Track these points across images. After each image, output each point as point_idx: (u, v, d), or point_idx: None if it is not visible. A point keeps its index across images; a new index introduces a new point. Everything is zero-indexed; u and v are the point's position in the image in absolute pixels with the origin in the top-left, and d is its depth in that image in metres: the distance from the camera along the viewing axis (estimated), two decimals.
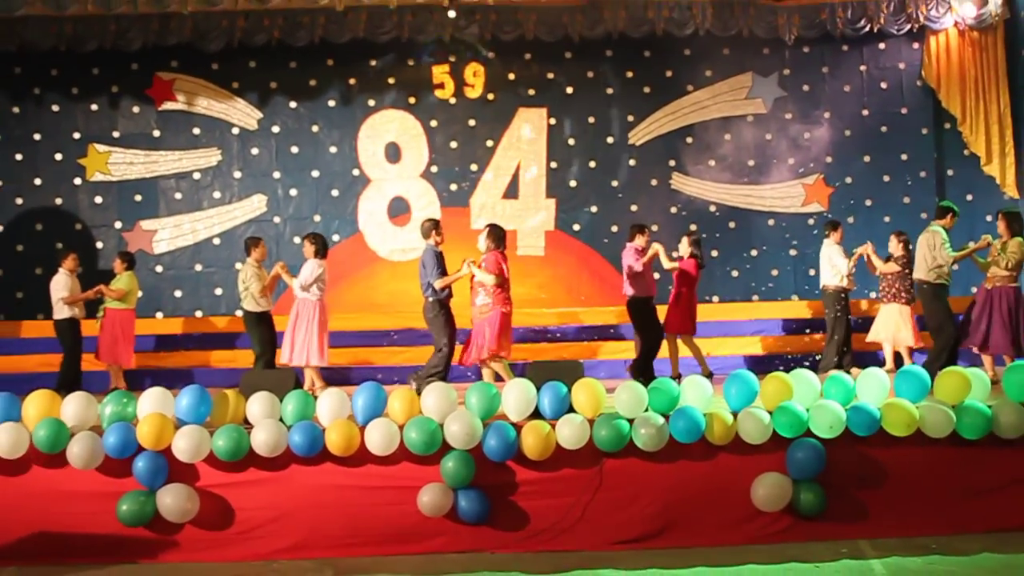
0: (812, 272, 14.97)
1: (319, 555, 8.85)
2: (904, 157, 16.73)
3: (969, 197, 16.37)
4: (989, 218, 15.92)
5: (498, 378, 11.68)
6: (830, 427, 8.77)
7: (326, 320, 12.62)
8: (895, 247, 13.02)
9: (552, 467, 8.91)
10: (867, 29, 16.09)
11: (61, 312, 13.30)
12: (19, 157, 16.47)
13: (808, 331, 14.92)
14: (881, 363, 12.98)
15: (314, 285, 12.46)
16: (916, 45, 16.78)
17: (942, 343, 12.13)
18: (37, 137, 16.51)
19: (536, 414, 9.09)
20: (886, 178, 16.70)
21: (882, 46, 16.82)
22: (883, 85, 16.87)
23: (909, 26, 16.17)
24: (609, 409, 9.01)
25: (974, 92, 16.48)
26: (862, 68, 16.88)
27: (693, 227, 15.81)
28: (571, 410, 9.03)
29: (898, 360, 13.08)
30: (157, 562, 8.88)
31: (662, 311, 13.02)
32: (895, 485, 8.94)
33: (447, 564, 8.61)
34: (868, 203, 16.59)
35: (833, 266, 13.15)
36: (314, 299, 12.49)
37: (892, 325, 13.12)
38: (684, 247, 13.08)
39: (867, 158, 16.75)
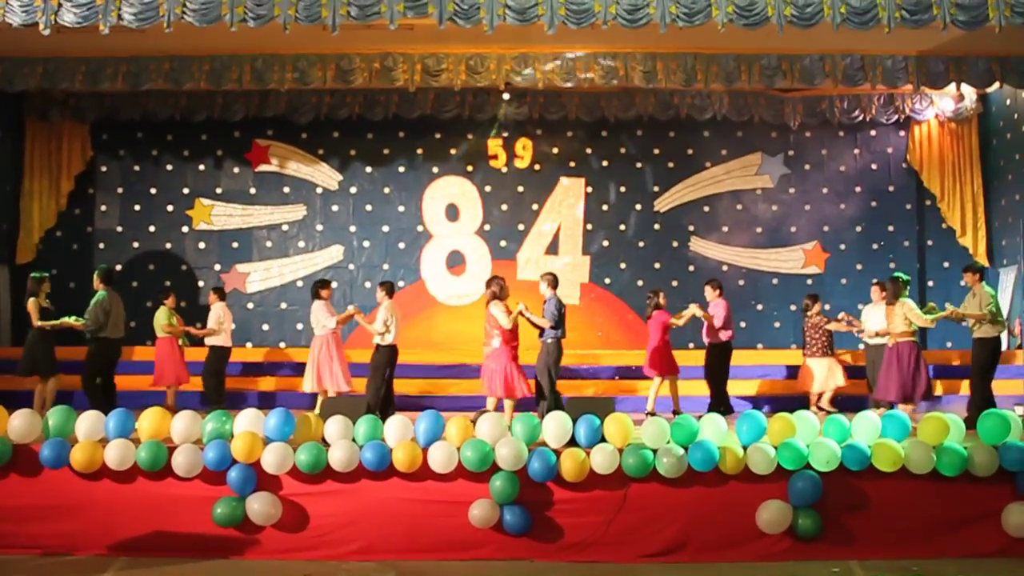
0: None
1: (383, 558, 8.81)
2: (891, 228, 16.66)
3: (946, 264, 16.36)
4: (963, 283, 15.81)
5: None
6: (827, 461, 8.72)
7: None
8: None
9: (586, 488, 8.86)
10: (860, 118, 16.06)
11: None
12: (137, 208, 16.65)
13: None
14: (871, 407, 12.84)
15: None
16: (902, 133, 16.74)
17: None
18: (153, 191, 16.69)
19: (572, 442, 9.06)
20: (875, 246, 16.61)
21: (873, 133, 16.78)
22: (874, 166, 16.81)
23: (896, 117, 16.13)
24: (636, 440, 8.96)
25: (951, 174, 16.44)
26: (856, 151, 16.83)
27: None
28: (603, 440, 8.99)
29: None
30: (244, 558, 8.87)
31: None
32: (882, 514, 8.83)
33: (493, 570, 8.57)
34: (859, 267, 16.48)
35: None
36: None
37: (823, 375, 13.23)
38: (661, 300, 13.09)
39: (859, 228, 16.68)
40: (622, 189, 16.81)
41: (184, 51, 13.37)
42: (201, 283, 16.45)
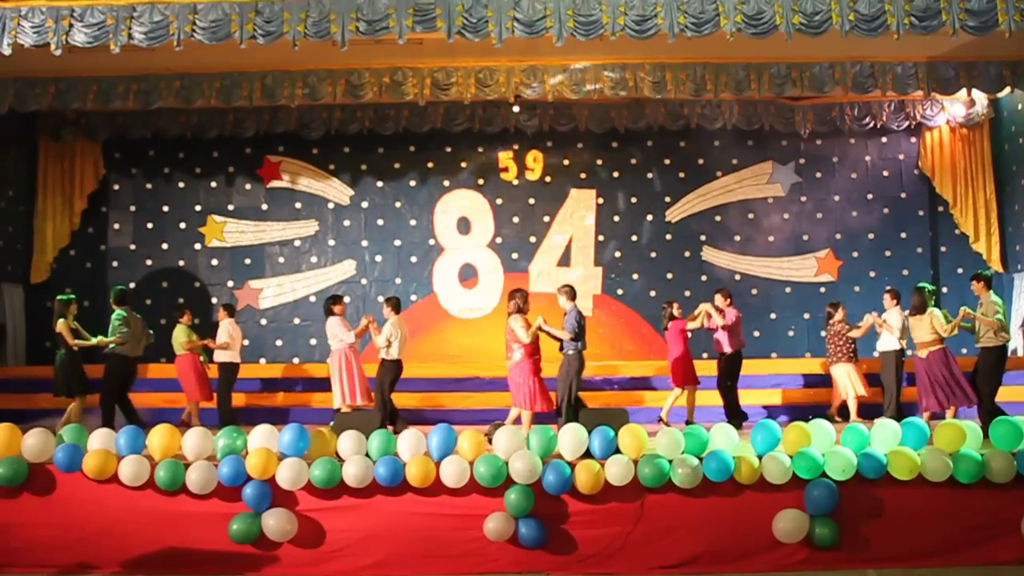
0: (823, 333, 14.76)
1: (398, 572, 8.82)
2: (903, 235, 16.59)
3: (960, 271, 16.25)
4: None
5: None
6: (843, 470, 8.69)
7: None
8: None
9: (601, 500, 8.85)
10: (871, 125, 15.99)
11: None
12: (150, 225, 16.71)
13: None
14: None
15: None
16: (913, 139, 16.69)
17: None
18: (165, 209, 16.75)
19: (587, 454, 9.04)
20: (888, 253, 16.55)
21: (884, 140, 16.74)
22: (885, 173, 16.76)
23: (907, 123, 16.06)
24: (651, 451, 8.93)
25: (964, 180, 16.35)
26: (867, 158, 16.78)
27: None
28: (617, 451, 8.97)
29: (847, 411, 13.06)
30: (260, 574, 8.87)
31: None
32: (899, 522, 8.79)
33: None
34: (872, 275, 16.42)
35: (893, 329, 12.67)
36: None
37: (845, 382, 13.00)
38: (675, 311, 13.10)
39: (871, 236, 16.60)
40: (633, 200, 16.80)
41: (194, 69, 13.41)
42: (214, 300, 16.47)
